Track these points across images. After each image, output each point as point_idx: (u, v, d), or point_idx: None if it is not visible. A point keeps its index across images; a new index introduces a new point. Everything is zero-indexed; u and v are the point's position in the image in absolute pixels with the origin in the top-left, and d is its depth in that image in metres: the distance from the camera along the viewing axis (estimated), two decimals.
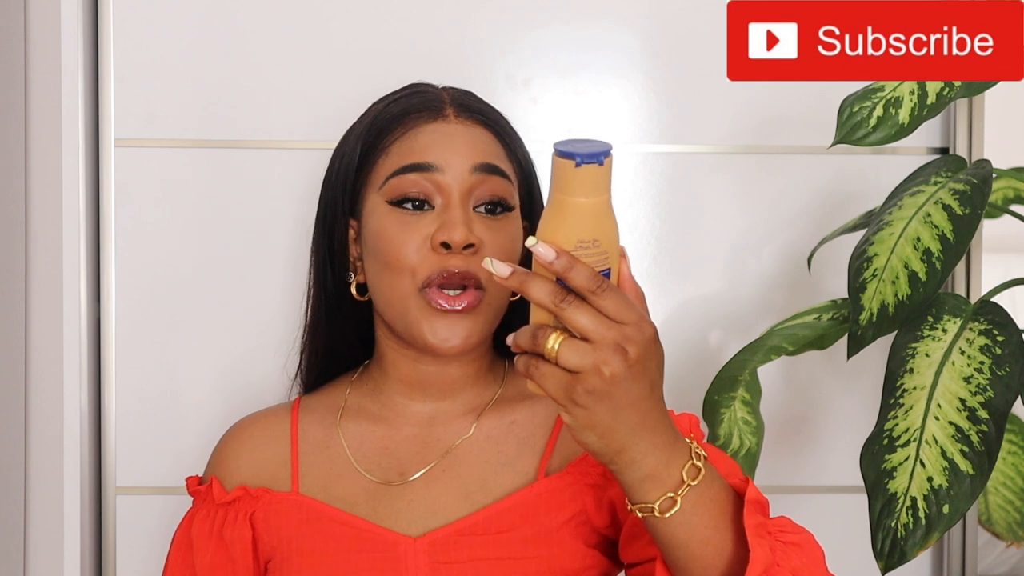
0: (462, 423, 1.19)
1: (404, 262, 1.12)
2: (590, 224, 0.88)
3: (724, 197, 1.63)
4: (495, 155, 1.16)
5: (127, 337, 1.59)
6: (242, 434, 1.24)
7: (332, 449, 1.20)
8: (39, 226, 1.54)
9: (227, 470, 1.22)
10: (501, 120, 1.20)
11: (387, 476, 1.17)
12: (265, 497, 1.18)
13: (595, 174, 0.88)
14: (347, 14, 1.59)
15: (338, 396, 1.24)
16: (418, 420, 1.19)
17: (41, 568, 1.54)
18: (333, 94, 1.59)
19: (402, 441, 1.19)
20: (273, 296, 1.60)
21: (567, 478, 1.15)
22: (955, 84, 1.23)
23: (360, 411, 1.22)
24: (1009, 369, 1.16)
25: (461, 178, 1.13)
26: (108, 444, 1.58)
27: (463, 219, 1.12)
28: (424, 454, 1.18)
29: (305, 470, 1.19)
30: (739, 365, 1.42)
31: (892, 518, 1.15)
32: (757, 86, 1.61)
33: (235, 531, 1.17)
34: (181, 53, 1.58)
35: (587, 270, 0.86)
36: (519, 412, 1.20)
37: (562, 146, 0.87)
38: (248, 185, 1.59)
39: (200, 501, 1.21)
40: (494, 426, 1.19)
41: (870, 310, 1.23)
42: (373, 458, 1.18)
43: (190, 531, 1.20)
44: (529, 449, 1.18)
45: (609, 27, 1.61)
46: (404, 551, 1.12)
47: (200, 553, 1.18)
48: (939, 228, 1.21)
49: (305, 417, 1.23)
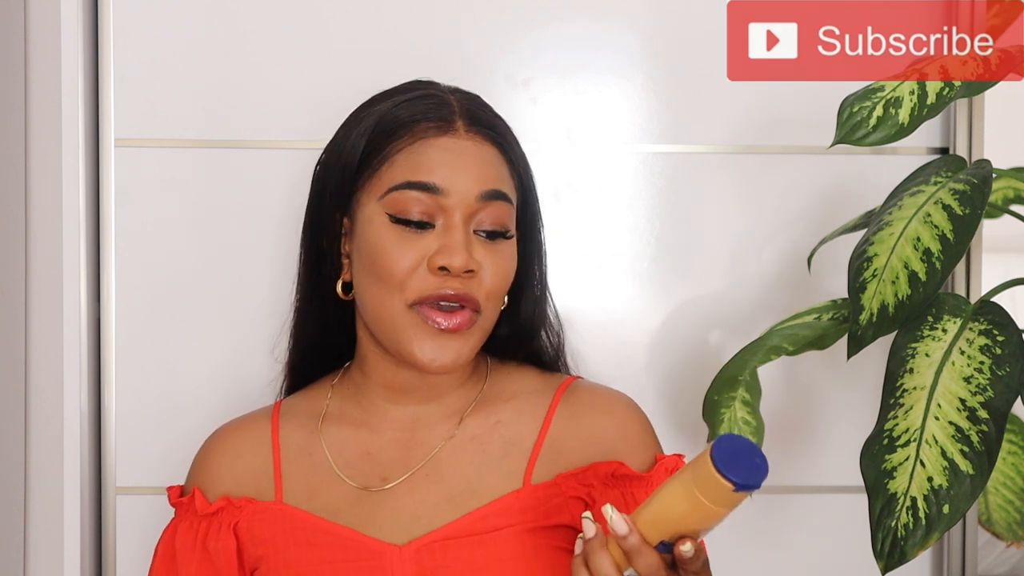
0: (445, 425, 1.18)
1: (397, 278, 1.11)
2: (706, 523, 0.93)
3: (724, 197, 1.63)
4: (500, 178, 1.14)
5: (127, 337, 1.58)
6: (223, 443, 1.22)
7: (314, 456, 1.18)
8: (39, 226, 1.54)
9: (209, 480, 1.20)
10: (508, 133, 1.18)
11: (369, 482, 1.15)
12: (249, 507, 1.17)
13: (742, 497, 0.91)
14: (347, 14, 1.59)
15: (319, 400, 1.22)
16: (400, 424, 1.18)
17: (41, 568, 1.54)
18: (333, 94, 1.58)
19: (384, 446, 1.17)
20: (273, 296, 1.59)
21: (553, 489, 1.14)
22: (955, 84, 1.23)
23: (342, 416, 1.20)
24: (1009, 369, 1.16)
25: (466, 202, 1.12)
26: (108, 444, 1.58)
27: (464, 243, 1.10)
28: (406, 459, 1.16)
29: (288, 478, 1.18)
30: (739, 365, 1.42)
31: (892, 518, 1.15)
32: (757, 86, 1.61)
33: (219, 542, 1.16)
34: (181, 53, 1.58)
35: (655, 559, 0.95)
36: (504, 412, 1.19)
37: (725, 460, 0.90)
38: (248, 185, 1.59)
39: (183, 512, 1.19)
40: (478, 426, 1.18)
41: (870, 310, 1.23)
42: (355, 464, 1.17)
43: (173, 543, 1.18)
44: (515, 449, 1.16)
45: (609, 27, 1.61)
46: (390, 560, 1.11)
47: (184, 565, 1.17)
48: (939, 228, 1.21)
49: (286, 423, 1.21)
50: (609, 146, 1.61)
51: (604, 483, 1.14)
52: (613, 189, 1.60)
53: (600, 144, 1.60)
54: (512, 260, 1.16)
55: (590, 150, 1.22)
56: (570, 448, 1.16)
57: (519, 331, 1.22)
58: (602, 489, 1.14)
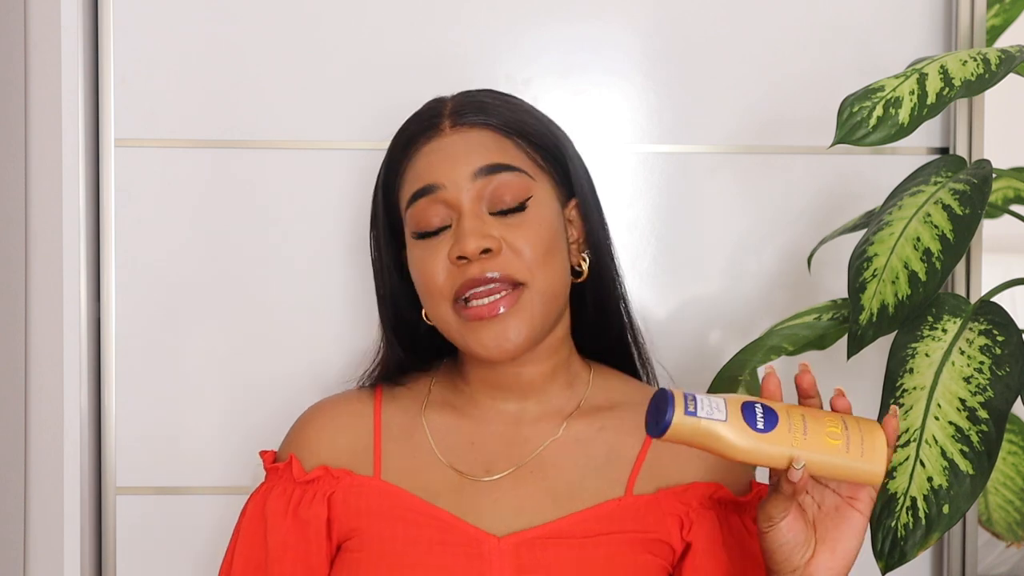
0: (549, 424, 1.19)
1: (436, 285, 1.14)
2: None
3: (724, 197, 1.63)
4: (497, 153, 1.15)
5: (127, 337, 1.59)
6: (324, 415, 1.23)
7: (416, 438, 1.19)
8: (39, 226, 1.54)
9: (307, 449, 1.20)
10: (506, 113, 1.18)
11: (471, 471, 1.16)
12: (346, 479, 1.17)
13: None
14: (346, 15, 1.59)
15: (422, 387, 1.24)
16: (504, 418, 1.19)
17: (41, 568, 1.54)
18: (333, 95, 1.59)
19: (489, 437, 1.18)
20: (273, 296, 1.60)
21: (654, 503, 1.15)
22: (955, 84, 1.23)
23: (445, 404, 1.22)
24: (1009, 369, 1.16)
25: (465, 187, 1.13)
26: (108, 444, 1.58)
27: (473, 228, 1.12)
28: (511, 453, 1.17)
29: (388, 457, 1.18)
30: (739, 365, 1.42)
31: (892, 518, 1.15)
32: (757, 86, 1.61)
33: (311, 510, 1.16)
34: (181, 53, 1.58)
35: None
36: (607, 419, 1.20)
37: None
38: (248, 185, 1.59)
39: (276, 478, 1.20)
40: (582, 430, 1.19)
41: (870, 310, 1.23)
42: (458, 452, 1.18)
43: (264, 506, 1.18)
44: (618, 457, 1.17)
45: (609, 27, 1.61)
46: (489, 549, 1.11)
47: (274, 529, 1.17)
48: (939, 228, 1.21)
49: (388, 404, 1.22)
50: (609, 146, 1.61)
51: (701, 504, 1.16)
52: (613, 189, 1.60)
53: (600, 144, 1.60)
54: (541, 222, 1.15)
55: (590, 150, 1.22)
56: (671, 465, 1.18)
57: (600, 283, 1.22)
58: (699, 510, 1.16)
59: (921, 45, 1.61)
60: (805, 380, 1.02)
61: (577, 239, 1.21)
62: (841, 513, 1.02)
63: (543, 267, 1.14)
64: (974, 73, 1.23)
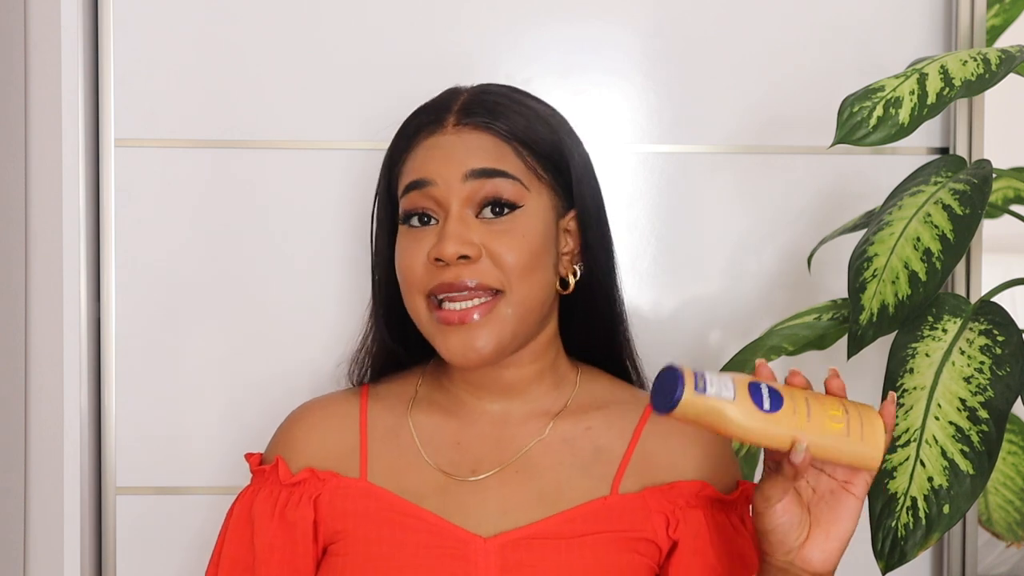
0: (535, 424, 1.19)
1: (413, 278, 1.14)
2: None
3: (724, 197, 1.63)
4: (493, 158, 1.15)
5: (127, 337, 1.59)
6: (310, 416, 1.23)
7: (402, 439, 1.19)
8: (39, 226, 1.54)
9: (293, 451, 1.20)
10: (515, 118, 1.17)
11: (457, 471, 1.16)
12: (332, 481, 1.17)
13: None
14: (346, 15, 1.59)
15: (409, 386, 1.24)
16: (490, 419, 1.19)
17: (41, 568, 1.54)
18: (332, 95, 1.59)
19: (475, 437, 1.18)
20: (273, 295, 1.59)
21: (639, 501, 1.15)
22: (955, 84, 1.23)
23: (431, 403, 1.21)
24: (1009, 369, 1.16)
25: (456, 188, 1.13)
26: (108, 444, 1.58)
27: (454, 232, 1.11)
28: (497, 453, 1.17)
29: (374, 458, 1.18)
30: (739, 365, 1.42)
31: (892, 518, 1.15)
32: (757, 86, 1.61)
33: (298, 512, 1.16)
34: (181, 53, 1.58)
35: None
36: (594, 419, 1.20)
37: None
38: (248, 185, 1.59)
39: (262, 480, 1.20)
40: (569, 429, 1.19)
41: (870, 310, 1.23)
42: (444, 452, 1.17)
43: (251, 508, 1.18)
44: (605, 457, 1.17)
45: (609, 27, 1.61)
46: (475, 550, 1.11)
47: (261, 531, 1.17)
48: (939, 228, 1.21)
49: (375, 404, 1.22)
50: (609, 146, 1.61)
51: (687, 502, 1.16)
52: (613, 189, 1.60)
53: (600, 144, 1.60)
54: (527, 232, 1.14)
55: (590, 150, 1.22)
56: (657, 463, 1.18)
57: (591, 295, 1.21)
58: (685, 509, 1.16)
59: (921, 45, 1.61)
60: (834, 384, 1.04)
61: (572, 251, 1.20)
62: (836, 496, 1.03)
63: (523, 278, 1.13)
64: (974, 73, 1.23)
